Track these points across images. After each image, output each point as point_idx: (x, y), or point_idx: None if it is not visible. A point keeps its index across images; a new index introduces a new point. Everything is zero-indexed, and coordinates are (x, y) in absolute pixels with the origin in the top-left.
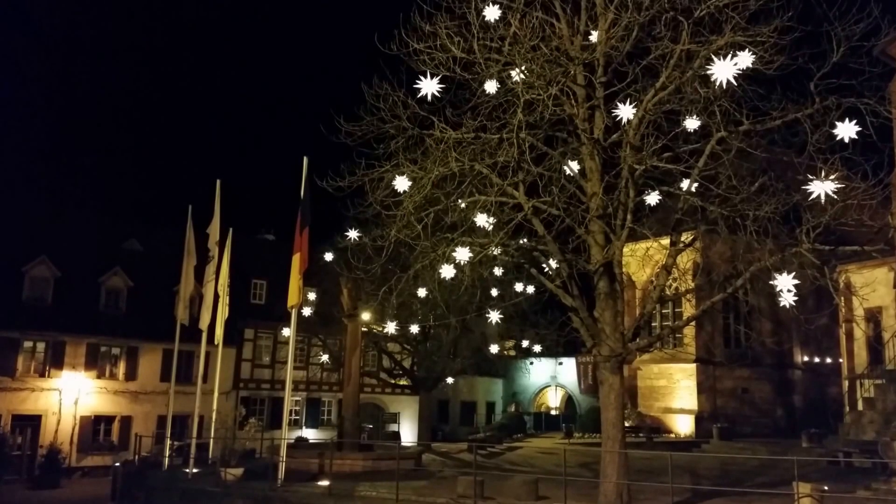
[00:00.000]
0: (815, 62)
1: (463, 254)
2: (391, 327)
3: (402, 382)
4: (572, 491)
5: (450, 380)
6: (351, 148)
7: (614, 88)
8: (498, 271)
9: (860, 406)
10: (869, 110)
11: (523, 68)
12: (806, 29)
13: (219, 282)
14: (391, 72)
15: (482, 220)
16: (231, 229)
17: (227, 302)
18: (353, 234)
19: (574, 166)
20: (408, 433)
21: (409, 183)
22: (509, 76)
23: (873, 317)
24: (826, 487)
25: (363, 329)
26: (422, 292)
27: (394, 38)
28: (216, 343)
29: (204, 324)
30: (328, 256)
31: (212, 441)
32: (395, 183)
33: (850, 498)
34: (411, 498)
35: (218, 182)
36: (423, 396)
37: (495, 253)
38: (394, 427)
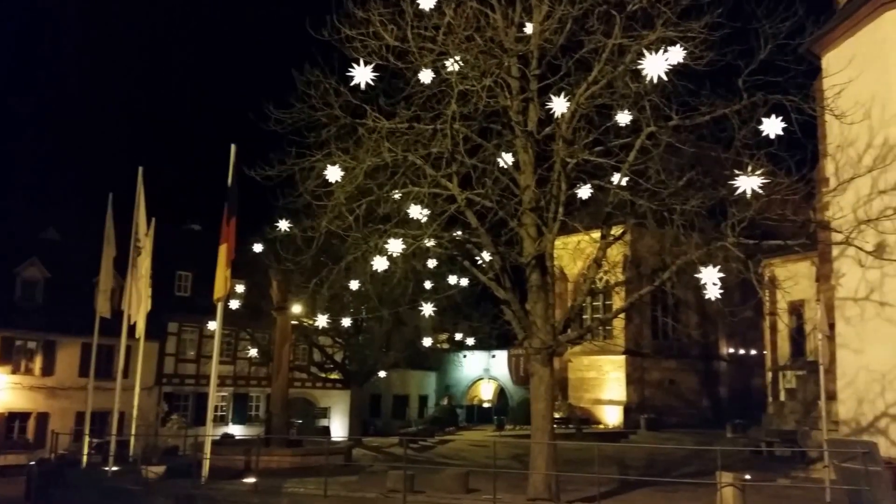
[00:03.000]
0: (743, 59)
1: (396, 245)
2: (322, 320)
3: (334, 376)
4: (502, 483)
5: (382, 373)
6: (281, 136)
7: (548, 81)
8: (432, 263)
9: (782, 397)
10: (794, 107)
11: (458, 58)
12: (735, 26)
13: (141, 273)
14: (323, 58)
15: (416, 211)
16: (154, 219)
17: (150, 294)
18: (283, 224)
19: (508, 159)
20: (339, 428)
21: (341, 173)
22: (444, 66)
23: (796, 310)
24: (748, 476)
25: (293, 322)
26: (354, 284)
27: (326, 23)
28: (138, 337)
29: (126, 317)
30: (257, 248)
31: (132, 438)
32: (326, 173)
33: (770, 486)
34: (340, 493)
35: (140, 169)
36: (355, 390)
37: (429, 245)
38: (324, 422)
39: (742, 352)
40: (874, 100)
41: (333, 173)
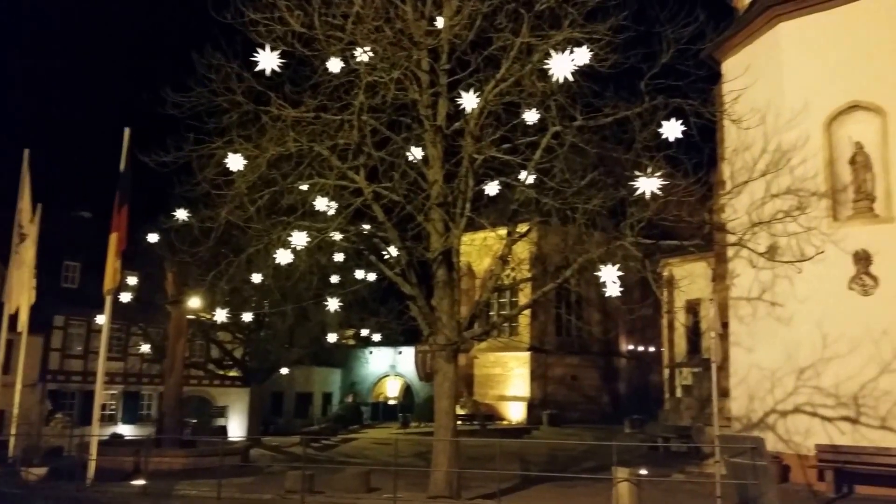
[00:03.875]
0: (646, 62)
1: (300, 238)
2: (221, 315)
3: (233, 374)
4: (404, 481)
5: (285, 370)
6: (179, 121)
7: (457, 76)
8: (338, 257)
9: (678, 393)
10: (693, 111)
11: (367, 49)
12: (639, 29)
13: (25, 262)
14: (226, 42)
15: (321, 203)
16: (41, 205)
17: (35, 285)
18: (180, 214)
19: (417, 153)
20: (237, 428)
21: (243, 162)
22: (352, 56)
23: (693, 308)
24: (643, 472)
25: (189, 317)
26: (256, 278)
27: (229, 5)
28: (20, 330)
29: (6, 308)
30: (152, 238)
31: (12, 438)
32: (227, 161)
33: (665, 481)
34: (235, 495)
35: (26, 152)
36: (255, 388)
37: (335, 238)
38: (222, 421)
39: (641, 348)
40: (769, 106)
41: (235, 162)
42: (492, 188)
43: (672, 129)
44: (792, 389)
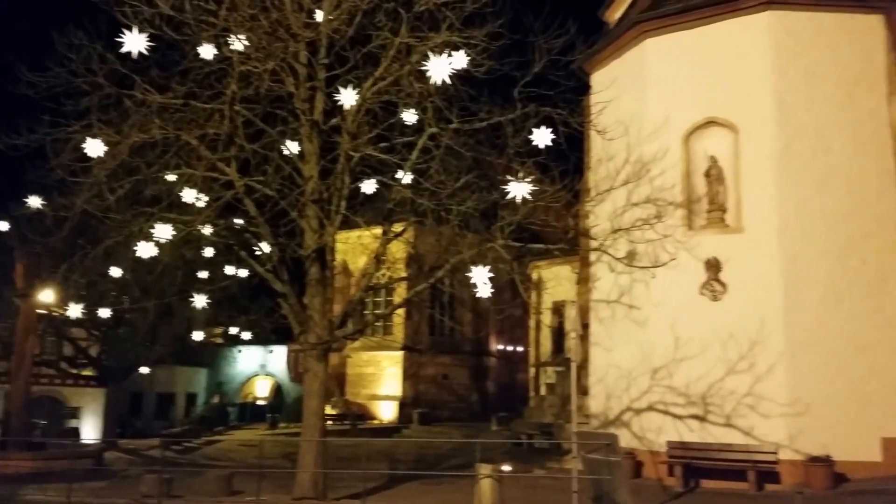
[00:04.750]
0: (520, 70)
1: (164, 231)
2: (75, 310)
3: (87, 373)
4: (270, 483)
5: (145, 370)
6: (33, 101)
7: (336, 72)
8: (208, 252)
9: (543, 391)
10: (562, 120)
11: (241, 37)
12: (514, 38)
13: None
14: (90, 21)
15: (189, 195)
16: None
17: None
18: (33, 201)
19: (293, 147)
20: (92, 430)
21: (103, 148)
22: (226, 44)
23: (558, 310)
24: (507, 468)
25: (40, 311)
26: (115, 272)
27: None
28: None
29: None
30: (1, 226)
31: None
32: (85, 146)
33: (527, 477)
34: (86, 500)
35: None
36: (112, 388)
37: (203, 232)
38: (74, 423)
39: (510, 348)
40: (633, 119)
41: (94, 147)
42: (368, 186)
43: (542, 137)
44: (646, 388)
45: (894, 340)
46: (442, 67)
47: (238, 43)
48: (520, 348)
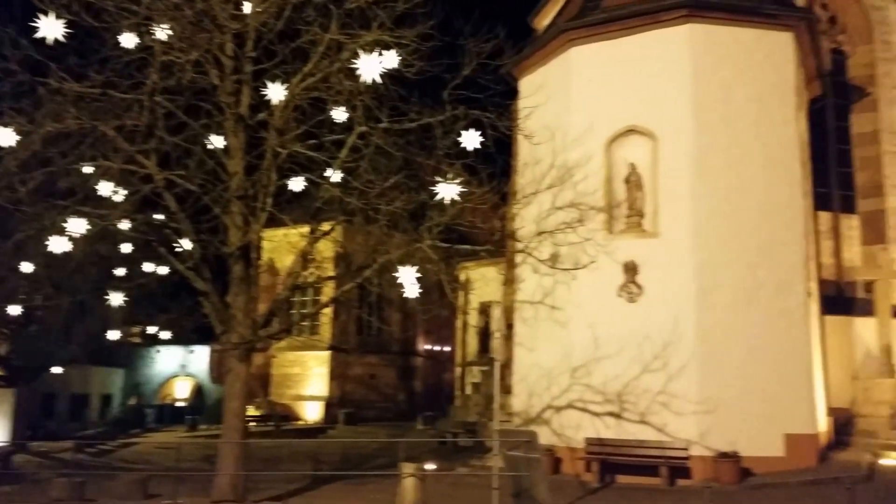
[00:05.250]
0: (450, 72)
1: (78, 225)
2: None
3: None
4: (187, 486)
5: (57, 370)
6: None
7: (264, 66)
8: (126, 248)
9: (468, 390)
10: (490, 124)
11: (164, 27)
12: (445, 40)
13: None
14: (1, 3)
15: (106, 188)
16: None
17: None
18: None
19: (217, 141)
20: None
21: (15, 137)
22: (149, 32)
23: (485, 310)
24: (431, 466)
25: None
26: (27, 267)
27: None
28: None
29: None
30: None
31: None
32: None
33: (450, 475)
34: None
35: None
36: (22, 389)
37: (120, 227)
38: None
39: (438, 348)
40: (558, 125)
41: (4, 137)
42: (296, 184)
43: (470, 140)
44: (566, 387)
45: (798, 343)
46: (372, 66)
47: (161, 32)
48: (447, 348)
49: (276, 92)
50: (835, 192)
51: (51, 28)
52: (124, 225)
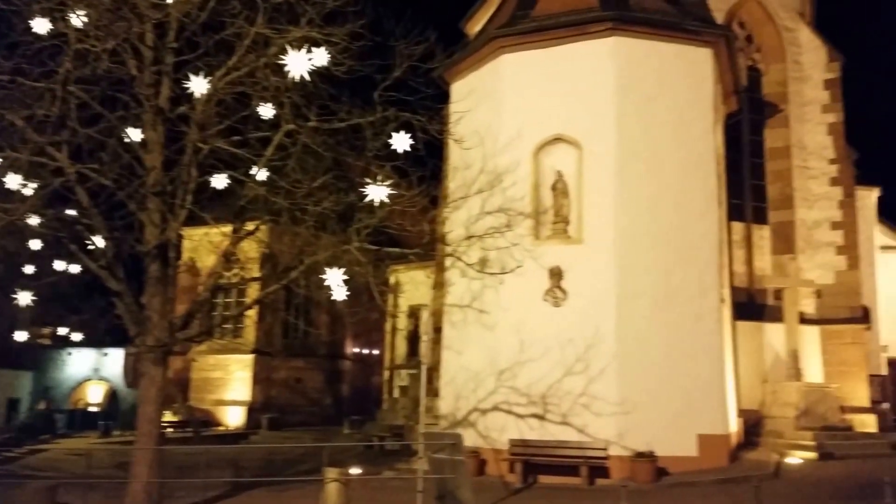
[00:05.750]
0: (381, 73)
1: None
2: None
3: None
4: (98, 494)
5: None
6: None
7: (186, 57)
8: (35, 245)
9: (396, 394)
10: (420, 127)
11: (79, 13)
12: (375, 39)
13: None
14: None
15: (13, 181)
16: None
17: None
18: None
19: (134, 134)
20: None
21: None
22: (63, 18)
23: (415, 313)
24: (357, 470)
25: None
26: None
27: None
28: None
29: None
30: None
31: None
32: None
33: (375, 479)
34: None
35: None
36: None
37: (29, 222)
38: None
39: (366, 351)
40: (489, 130)
41: None
42: (219, 181)
43: (401, 142)
44: (492, 389)
45: (711, 347)
46: (301, 63)
47: (76, 19)
48: (376, 351)
49: (198, 85)
50: (748, 204)
51: None
52: (33, 220)
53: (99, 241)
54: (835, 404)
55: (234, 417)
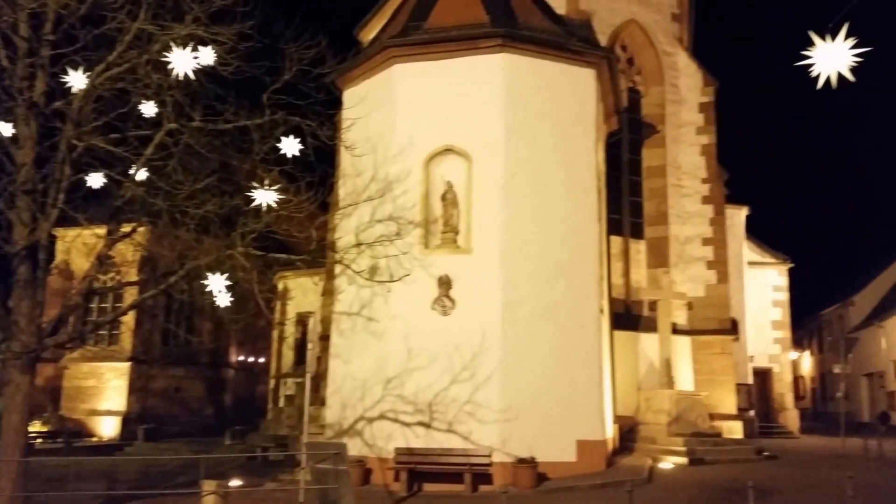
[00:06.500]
0: (270, 76)
1: None
2: None
3: None
4: None
5: None
6: None
7: (63, 51)
8: None
9: (282, 403)
10: (311, 132)
11: None
12: (264, 41)
13: None
14: None
15: None
16: None
17: None
18: None
19: (6, 129)
20: None
21: None
22: None
23: (303, 321)
24: (237, 482)
25: None
26: None
27: None
28: None
29: None
30: None
31: None
32: None
33: (256, 491)
34: None
35: None
36: None
37: None
38: None
39: (252, 359)
40: (380, 138)
41: None
42: (95, 180)
43: (290, 146)
44: (379, 398)
45: (590, 356)
46: (185, 61)
47: None
48: (262, 360)
49: (77, 80)
50: (626, 219)
51: None
52: None
53: None
54: (704, 412)
55: (108, 428)
